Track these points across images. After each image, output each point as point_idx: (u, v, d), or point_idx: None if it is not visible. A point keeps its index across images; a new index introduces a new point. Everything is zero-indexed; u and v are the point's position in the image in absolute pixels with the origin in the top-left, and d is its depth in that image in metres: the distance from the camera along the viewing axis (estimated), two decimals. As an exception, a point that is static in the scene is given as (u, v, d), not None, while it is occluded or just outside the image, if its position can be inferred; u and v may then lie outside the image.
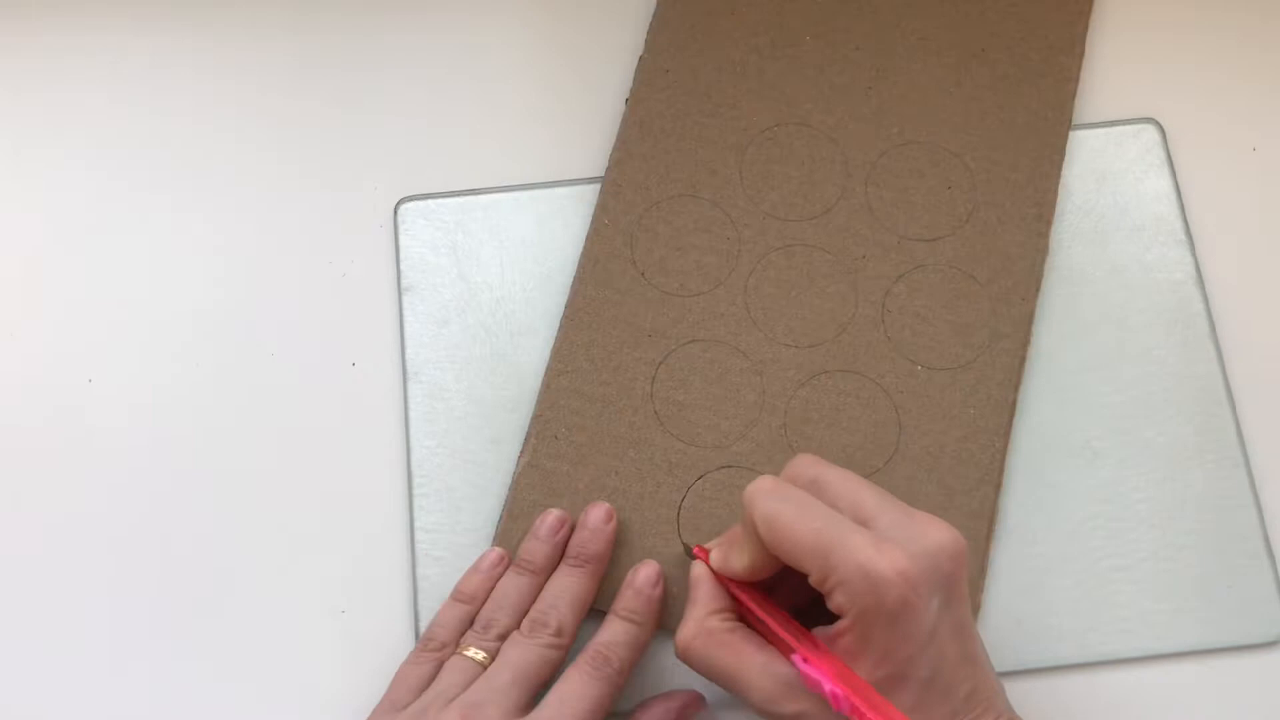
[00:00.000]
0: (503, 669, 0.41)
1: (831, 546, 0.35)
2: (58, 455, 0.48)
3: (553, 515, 0.45)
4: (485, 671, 0.41)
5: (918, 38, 0.52)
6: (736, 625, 0.39)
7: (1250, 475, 0.47)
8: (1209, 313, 0.49)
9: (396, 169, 0.51)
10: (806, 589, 0.38)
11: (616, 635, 0.42)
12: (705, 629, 0.39)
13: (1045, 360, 0.48)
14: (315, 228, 0.51)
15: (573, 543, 0.44)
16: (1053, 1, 0.52)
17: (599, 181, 0.51)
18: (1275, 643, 0.45)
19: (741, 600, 0.40)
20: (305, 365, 0.49)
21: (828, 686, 0.35)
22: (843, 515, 0.37)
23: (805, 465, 0.39)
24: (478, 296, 0.49)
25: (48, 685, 0.45)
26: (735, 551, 0.40)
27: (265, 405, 0.48)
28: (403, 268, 0.50)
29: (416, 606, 0.45)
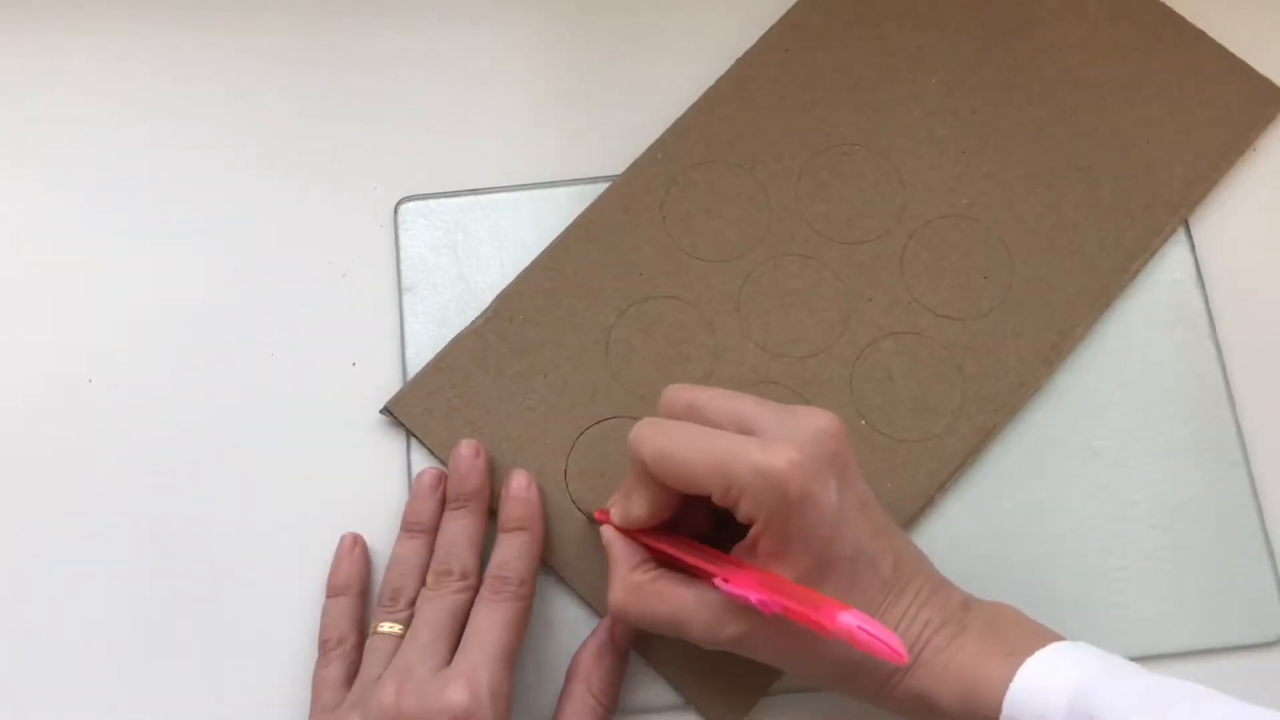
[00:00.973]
0: (421, 627, 0.41)
1: (724, 461, 0.36)
2: (58, 455, 0.48)
3: (429, 474, 0.45)
4: (407, 635, 0.41)
5: (1035, 127, 0.50)
6: (660, 573, 0.40)
7: (1250, 475, 0.47)
8: (1209, 313, 0.49)
9: (396, 169, 0.51)
10: (707, 516, 0.40)
11: (506, 552, 0.42)
12: (631, 585, 0.39)
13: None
14: (315, 228, 0.51)
15: (452, 483, 0.44)
16: (1191, 156, 0.50)
17: (600, 181, 0.51)
18: (1275, 643, 0.45)
19: (653, 547, 0.40)
20: (305, 365, 0.49)
21: (753, 596, 0.35)
22: (726, 430, 0.38)
23: (677, 393, 0.40)
24: (478, 296, 0.49)
25: (47, 685, 0.45)
26: (634, 500, 0.40)
27: (265, 405, 0.48)
28: (403, 268, 0.50)
29: (416, 606, 0.45)
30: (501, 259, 0.50)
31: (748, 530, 0.37)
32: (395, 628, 0.42)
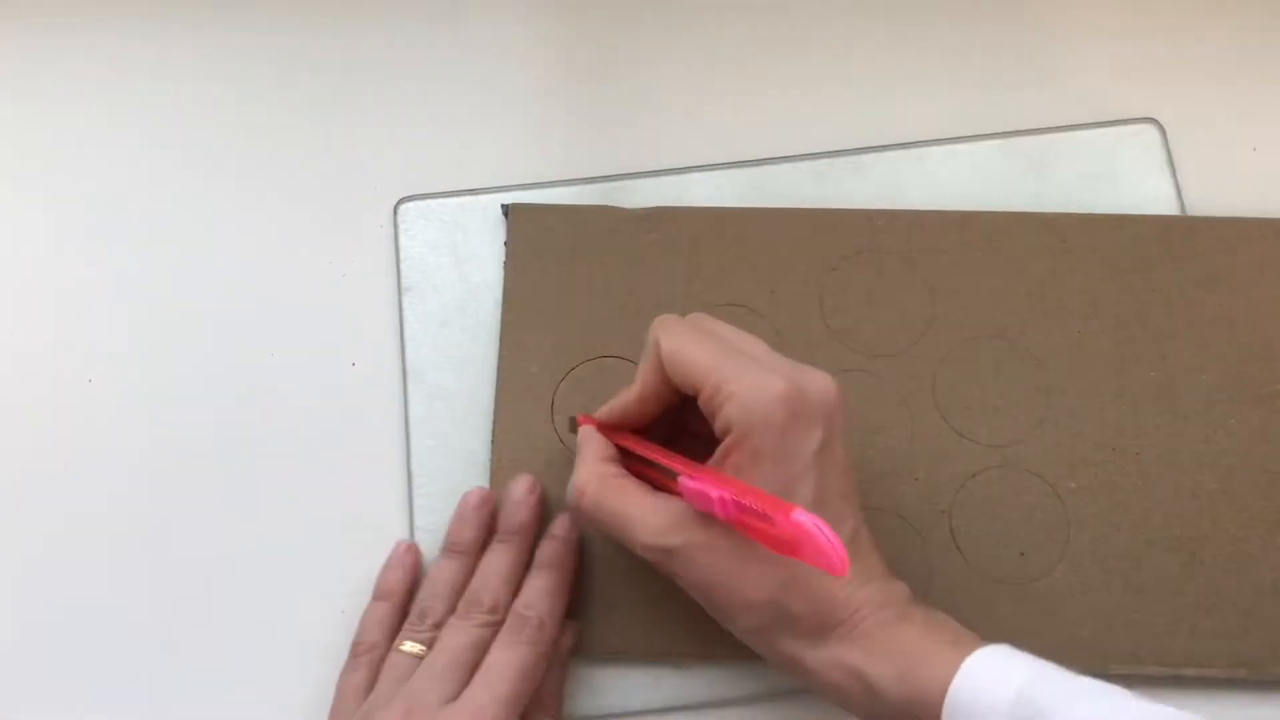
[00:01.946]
0: (439, 655, 0.41)
1: (727, 366, 0.38)
2: (58, 455, 0.48)
3: (475, 494, 0.45)
4: (424, 660, 0.41)
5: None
6: (625, 472, 0.41)
7: (1250, 475, 0.47)
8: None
9: (396, 169, 0.51)
10: (673, 430, 0.42)
11: (532, 592, 0.42)
12: (598, 473, 0.40)
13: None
14: (315, 228, 0.51)
15: (502, 517, 0.44)
16: None
17: (599, 181, 0.50)
18: (1276, 642, 0.45)
19: (627, 445, 0.41)
20: (305, 365, 0.49)
21: (714, 492, 0.35)
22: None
23: (701, 319, 0.41)
24: (478, 296, 0.49)
25: (47, 684, 0.45)
26: (631, 389, 0.41)
27: (265, 405, 0.48)
28: (403, 268, 0.50)
29: (416, 606, 0.45)
30: (501, 259, 0.50)
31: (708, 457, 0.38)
32: (416, 648, 0.42)
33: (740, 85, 0.53)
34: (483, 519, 0.45)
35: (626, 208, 0.49)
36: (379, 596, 0.45)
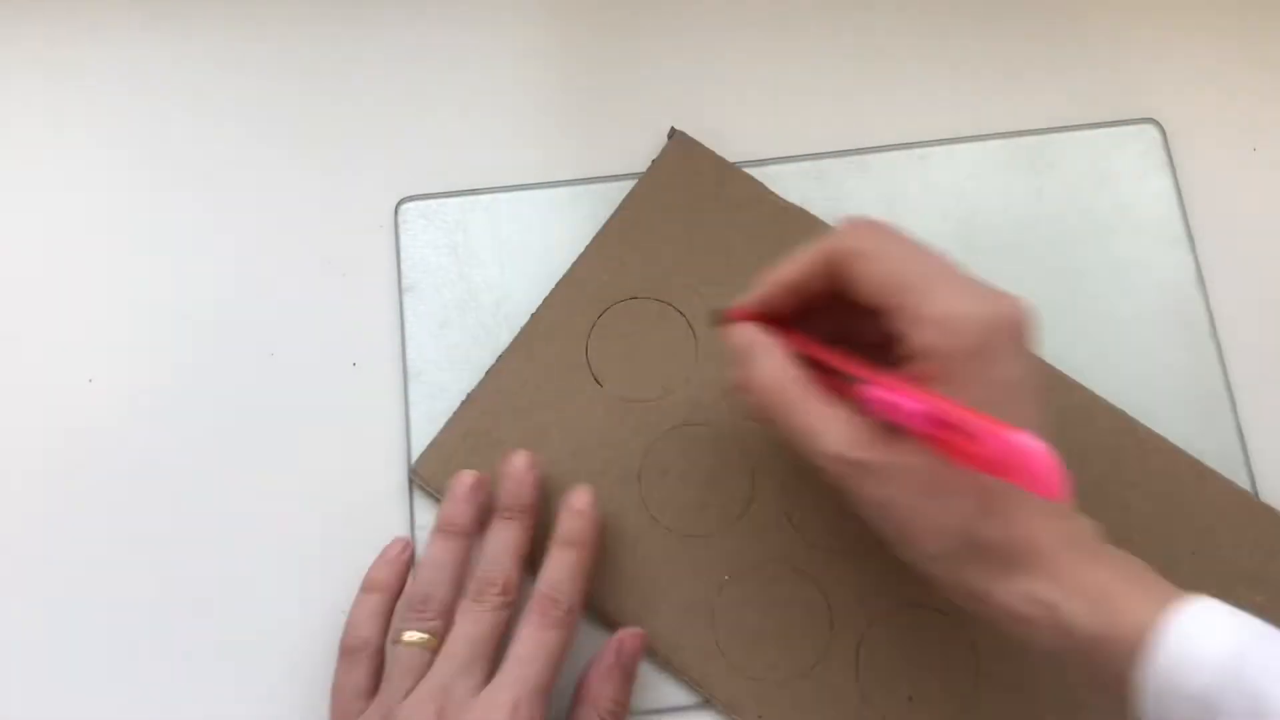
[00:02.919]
0: (460, 645, 0.40)
1: (929, 285, 0.35)
2: (58, 455, 0.48)
3: (469, 476, 0.44)
4: (443, 650, 0.40)
5: None
6: (805, 376, 0.37)
7: (1251, 475, 0.47)
8: (1209, 313, 0.49)
9: (396, 169, 0.51)
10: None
11: (559, 571, 0.41)
12: (788, 374, 0.37)
13: (1046, 360, 0.48)
14: (315, 228, 0.51)
15: (504, 494, 0.44)
16: None
17: (599, 181, 0.51)
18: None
19: (801, 349, 0.38)
20: (305, 365, 0.49)
21: (905, 404, 0.33)
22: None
23: (893, 226, 0.38)
24: (478, 296, 0.49)
25: (47, 684, 0.45)
26: (769, 274, 0.38)
27: (265, 405, 0.48)
28: (403, 268, 0.50)
29: (417, 606, 0.45)
30: (501, 259, 0.50)
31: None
32: (419, 636, 0.41)
33: (741, 85, 0.53)
34: (479, 500, 0.44)
35: (772, 190, 0.50)
36: (370, 589, 0.44)
